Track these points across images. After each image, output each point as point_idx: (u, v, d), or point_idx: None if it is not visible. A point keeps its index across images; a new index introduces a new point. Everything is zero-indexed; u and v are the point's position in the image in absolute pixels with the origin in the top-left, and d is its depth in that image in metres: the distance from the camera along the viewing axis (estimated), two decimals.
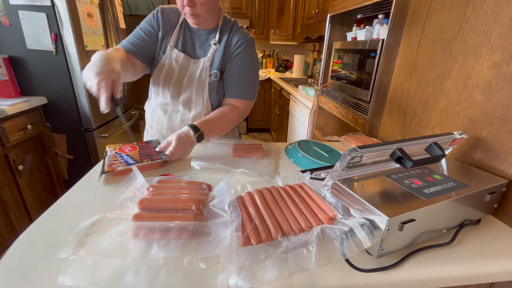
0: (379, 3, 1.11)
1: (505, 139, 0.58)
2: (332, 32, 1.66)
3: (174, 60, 0.92)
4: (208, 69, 0.93)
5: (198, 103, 0.96)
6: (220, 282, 0.39)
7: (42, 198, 1.59)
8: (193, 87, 0.95)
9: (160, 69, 0.93)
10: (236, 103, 0.97)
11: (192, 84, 0.94)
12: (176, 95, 0.96)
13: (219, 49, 0.93)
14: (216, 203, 0.53)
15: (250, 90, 0.98)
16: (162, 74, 0.93)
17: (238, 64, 0.93)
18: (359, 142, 0.96)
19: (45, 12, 1.43)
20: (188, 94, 0.95)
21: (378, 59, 1.08)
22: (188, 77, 0.94)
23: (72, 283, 0.37)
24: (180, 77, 0.94)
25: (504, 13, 0.59)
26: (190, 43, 0.94)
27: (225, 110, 0.94)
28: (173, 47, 0.92)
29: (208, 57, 0.92)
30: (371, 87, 1.14)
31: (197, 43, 0.94)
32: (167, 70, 0.93)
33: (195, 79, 0.94)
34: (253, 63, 0.97)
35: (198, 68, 0.93)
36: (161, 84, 0.95)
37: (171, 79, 0.94)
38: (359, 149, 0.46)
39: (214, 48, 0.92)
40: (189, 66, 0.93)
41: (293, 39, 3.22)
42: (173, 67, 0.93)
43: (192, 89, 0.95)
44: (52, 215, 0.54)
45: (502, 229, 0.56)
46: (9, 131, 1.32)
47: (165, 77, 0.94)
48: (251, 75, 0.97)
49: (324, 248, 0.44)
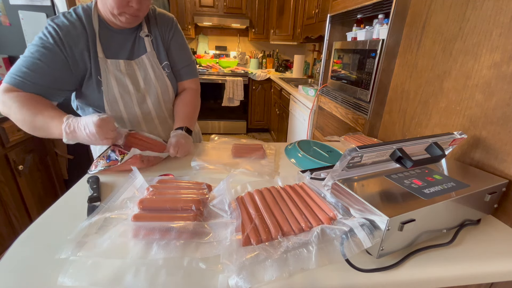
0: (379, 3, 1.11)
1: (505, 139, 0.58)
2: (332, 32, 1.66)
3: (116, 71, 0.81)
4: (158, 63, 0.88)
5: (167, 100, 0.93)
6: (220, 282, 0.39)
7: (42, 198, 1.59)
8: (154, 88, 0.88)
9: (110, 86, 0.81)
10: (191, 84, 0.98)
11: (151, 86, 0.88)
12: (141, 103, 0.87)
13: (155, 39, 0.87)
14: (216, 203, 0.53)
15: (195, 68, 0.99)
16: (116, 91, 0.82)
17: (178, 46, 0.92)
18: (359, 142, 0.96)
19: (45, 12, 1.44)
20: (153, 98, 0.89)
21: (378, 59, 1.08)
22: (143, 80, 0.86)
23: (72, 284, 0.37)
24: (135, 84, 0.85)
25: (504, 13, 0.59)
26: (119, 47, 0.83)
27: (188, 97, 0.96)
28: (105, 58, 0.80)
29: (149, 51, 0.86)
30: (371, 87, 1.14)
31: (124, 43, 0.84)
32: (117, 84, 0.82)
33: (152, 79, 0.87)
34: (185, 41, 0.97)
35: (146, 66, 0.86)
36: (119, 102, 0.83)
37: (128, 91, 0.84)
38: (359, 149, 0.46)
39: (149, 40, 0.86)
40: (134, 69, 0.85)
41: (293, 39, 3.22)
42: (120, 78, 0.82)
43: (155, 91, 0.88)
44: (52, 215, 0.54)
45: (502, 229, 0.56)
46: (9, 131, 1.32)
47: (121, 92, 0.83)
48: (189, 52, 0.97)
49: (324, 248, 0.44)
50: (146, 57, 0.86)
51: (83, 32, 0.76)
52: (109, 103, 0.82)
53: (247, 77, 3.37)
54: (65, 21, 0.75)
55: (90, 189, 0.62)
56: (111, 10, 0.73)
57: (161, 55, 0.89)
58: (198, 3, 3.27)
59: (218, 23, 3.38)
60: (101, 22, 0.79)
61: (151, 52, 0.86)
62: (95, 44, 0.78)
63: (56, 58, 0.73)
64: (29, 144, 1.49)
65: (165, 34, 0.89)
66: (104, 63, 0.79)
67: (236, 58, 3.83)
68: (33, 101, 0.70)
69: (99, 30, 0.79)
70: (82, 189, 0.64)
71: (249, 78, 3.39)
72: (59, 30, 0.73)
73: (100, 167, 0.69)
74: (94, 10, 0.78)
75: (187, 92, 0.97)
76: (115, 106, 0.84)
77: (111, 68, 0.81)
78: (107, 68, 0.80)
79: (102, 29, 0.79)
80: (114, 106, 0.83)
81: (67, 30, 0.74)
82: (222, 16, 3.36)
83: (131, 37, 0.84)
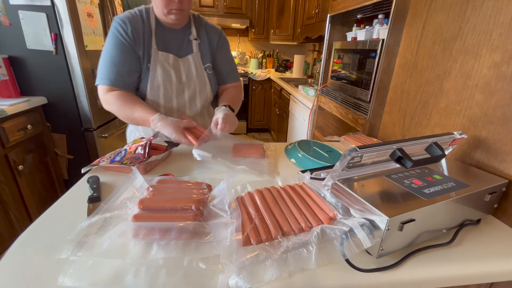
0: (379, 3, 1.11)
1: (505, 139, 0.58)
2: (332, 32, 1.66)
3: (164, 62, 0.92)
4: (201, 64, 0.99)
5: (204, 98, 1.03)
6: (220, 282, 0.39)
7: (42, 198, 1.59)
8: (194, 83, 0.98)
9: (156, 74, 0.92)
10: (235, 85, 1.11)
11: (191, 81, 0.98)
12: (179, 94, 0.97)
13: (202, 43, 0.99)
14: (216, 203, 0.53)
15: (237, 73, 1.13)
16: (160, 78, 0.93)
17: (224, 55, 1.05)
18: (359, 142, 0.95)
19: (45, 12, 1.43)
20: (191, 92, 0.99)
21: (378, 59, 1.08)
22: (186, 75, 0.97)
23: (72, 284, 0.37)
24: (178, 77, 0.96)
25: (504, 13, 0.59)
26: (170, 44, 0.95)
27: (232, 90, 1.08)
28: (157, 50, 0.91)
29: (195, 52, 0.97)
30: (371, 87, 1.14)
31: (176, 42, 0.95)
32: (162, 73, 0.92)
33: (193, 75, 0.98)
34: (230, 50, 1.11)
35: (190, 65, 0.97)
36: (161, 89, 0.94)
37: (171, 80, 0.94)
38: (359, 149, 0.46)
39: (197, 43, 0.97)
40: (179, 65, 0.95)
41: (293, 39, 3.22)
42: (167, 69, 0.93)
43: (195, 86, 0.99)
44: (52, 215, 0.54)
45: (502, 229, 0.56)
46: (9, 131, 1.32)
47: (164, 80, 0.93)
48: (233, 60, 1.11)
49: (324, 248, 0.44)
50: (192, 57, 0.97)
51: (142, 26, 0.89)
52: (152, 89, 0.93)
53: (247, 77, 3.37)
54: (129, 15, 0.88)
55: (90, 189, 0.62)
56: (161, 10, 0.85)
57: (205, 58, 1.00)
58: (198, 3, 3.27)
59: (218, 23, 3.38)
60: (157, 21, 0.92)
61: (196, 53, 0.98)
62: (150, 37, 0.90)
63: (129, 50, 0.88)
64: (29, 144, 1.49)
65: (213, 42, 1.02)
66: (155, 53, 0.91)
67: (236, 58, 3.82)
68: (128, 100, 0.87)
69: (155, 27, 0.91)
70: (82, 189, 0.64)
71: (249, 78, 3.39)
72: (125, 24, 0.86)
73: (103, 164, 0.69)
74: (151, 11, 0.92)
75: (230, 87, 1.09)
76: (156, 92, 0.94)
77: (161, 58, 0.92)
78: (157, 58, 0.91)
79: (157, 27, 0.92)
80: (155, 92, 0.94)
81: (131, 22, 0.87)
82: (222, 16, 3.36)
83: (181, 38, 0.96)
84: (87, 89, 1.60)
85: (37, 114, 1.54)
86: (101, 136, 1.76)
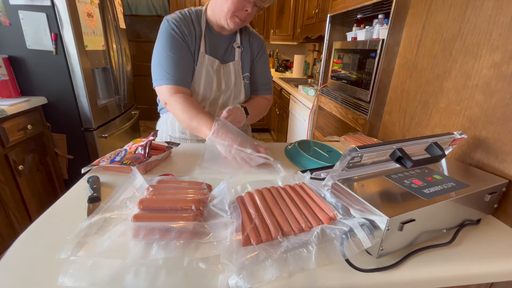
0: (379, 3, 1.11)
1: (505, 139, 0.58)
2: (332, 32, 1.66)
3: (209, 66, 0.92)
4: (240, 72, 0.98)
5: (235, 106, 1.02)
6: (220, 282, 0.39)
7: (42, 198, 1.59)
8: (230, 91, 0.97)
9: (199, 78, 0.91)
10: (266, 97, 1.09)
11: (229, 89, 0.97)
12: (214, 101, 0.96)
13: (244, 52, 0.98)
14: (216, 203, 0.53)
15: (271, 86, 1.11)
16: (202, 83, 0.92)
17: (263, 65, 1.04)
18: (359, 142, 0.95)
19: (45, 12, 1.43)
20: (225, 99, 0.98)
21: (378, 59, 1.08)
22: (225, 82, 0.96)
23: (72, 284, 0.37)
24: (219, 83, 0.94)
25: (504, 13, 0.59)
26: (216, 49, 0.94)
27: (260, 99, 1.06)
28: (204, 53, 0.91)
29: (236, 60, 0.97)
30: (371, 87, 1.14)
31: (221, 48, 0.95)
32: (205, 77, 0.92)
33: (232, 83, 0.97)
34: (269, 61, 1.09)
35: (230, 72, 0.96)
36: (200, 93, 0.93)
37: (212, 87, 0.93)
38: (359, 149, 0.46)
39: (239, 51, 0.97)
40: (221, 71, 0.95)
41: (293, 39, 3.22)
42: (210, 74, 0.92)
43: (230, 94, 0.98)
44: (52, 215, 0.54)
45: (502, 229, 0.56)
46: (9, 131, 1.32)
47: (205, 86, 0.92)
48: (270, 72, 1.10)
49: (324, 248, 0.44)
50: (233, 64, 0.97)
51: (192, 27, 0.89)
52: (192, 92, 0.92)
53: None
54: (181, 15, 0.88)
55: (90, 189, 0.62)
56: (226, 13, 0.83)
57: (245, 67, 1.00)
58: (198, 2, 3.27)
59: None
60: (207, 24, 0.91)
61: (238, 61, 0.98)
62: (200, 39, 0.90)
63: (187, 49, 0.88)
64: (29, 144, 1.49)
65: (254, 51, 1.01)
66: (202, 57, 0.90)
67: None
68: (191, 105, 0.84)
69: (204, 30, 0.91)
70: (82, 189, 0.64)
71: None
72: (179, 23, 0.86)
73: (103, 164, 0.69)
74: (203, 13, 0.91)
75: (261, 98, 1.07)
76: (194, 96, 0.93)
77: (207, 62, 0.91)
78: (203, 61, 0.91)
79: (206, 30, 0.91)
80: (194, 96, 0.93)
81: (183, 22, 0.87)
82: None
83: (226, 44, 0.96)
84: (87, 89, 1.60)
85: (37, 114, 1.55)
86: (101, 136, 1.76)
